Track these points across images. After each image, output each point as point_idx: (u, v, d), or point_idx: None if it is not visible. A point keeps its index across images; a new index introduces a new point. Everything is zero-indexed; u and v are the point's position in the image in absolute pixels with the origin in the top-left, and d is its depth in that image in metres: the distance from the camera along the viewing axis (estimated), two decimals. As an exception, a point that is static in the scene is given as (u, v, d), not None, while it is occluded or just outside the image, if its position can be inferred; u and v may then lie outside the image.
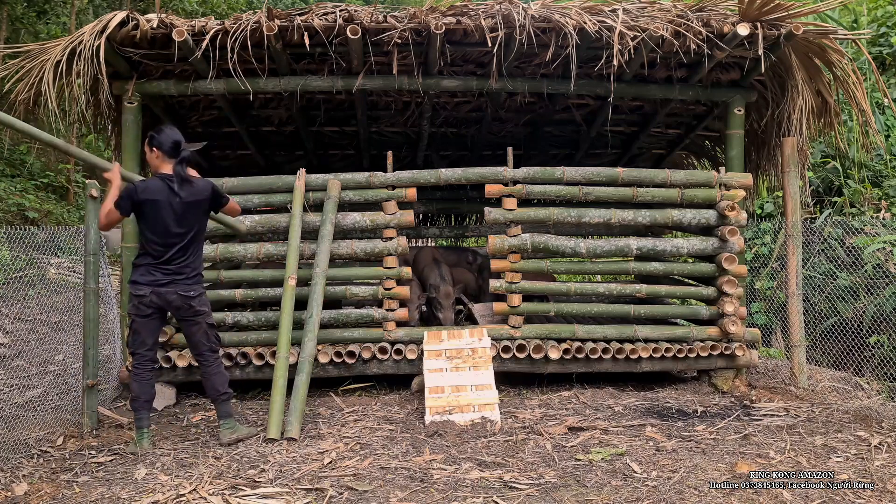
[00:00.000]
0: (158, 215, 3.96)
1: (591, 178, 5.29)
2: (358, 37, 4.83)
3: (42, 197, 11.53)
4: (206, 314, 4.14)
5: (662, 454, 3.88)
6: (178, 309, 4.04)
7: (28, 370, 5.56)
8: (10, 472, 3.69)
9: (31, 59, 5.08)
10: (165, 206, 3.96)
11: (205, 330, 4.14)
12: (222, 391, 4.17)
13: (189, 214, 4.02)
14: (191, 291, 4.03)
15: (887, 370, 5.26)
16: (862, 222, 6.24)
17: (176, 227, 3.98)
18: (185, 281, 4.02)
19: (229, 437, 4.12)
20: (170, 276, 3.98)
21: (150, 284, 3.96)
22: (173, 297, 3.99)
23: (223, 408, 4.17)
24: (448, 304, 5.69)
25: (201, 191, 4.08)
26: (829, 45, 5.23)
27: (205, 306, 4.13)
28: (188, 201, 4.01)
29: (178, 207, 3.98)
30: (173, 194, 3.98)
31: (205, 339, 4.15)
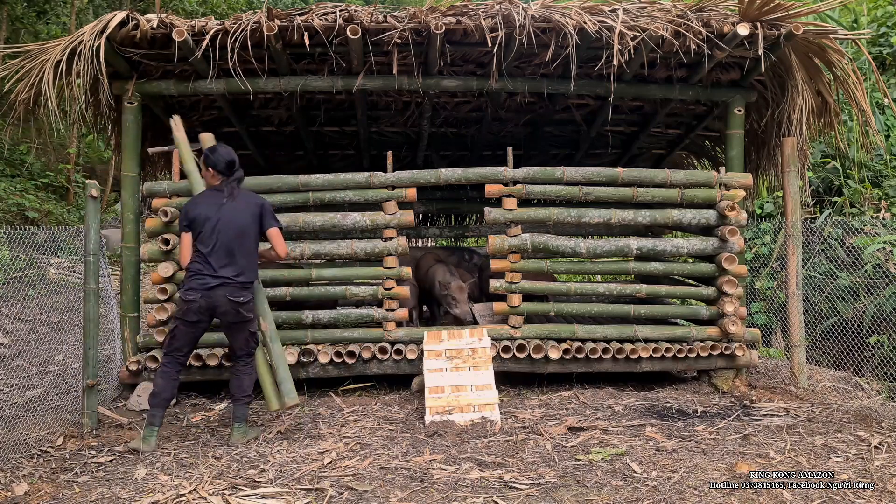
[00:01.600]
0: (207, 226, 4.10)
1: (591, 178, 5.29)
2: (358, 37, 4.83)
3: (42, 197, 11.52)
4: (251, 321, 4.21)
5: (662, 454, 3.88)
6: (225, 314, 4.10)
7: (28, 370, 5.56)
8: (10, 472, 3.68)
9: (31, 59, 5.07)
10: (214, 217, 4.10)
11: (246, 336, 4.22)
12: (247, 392, 4.22)
13: (237, 224, 4.12)
14: (240, 297, 4.09)
15: (887, 370, 5.26)
16: (862, 222, 6.24)
17: (224, 237, 4.09)
18: (235, 286, 4.08)
19: (240, 440, 4.13)
20: (220, 281, 4.06)
21: (200, 289, 4.05)
22: (222, 301, 4.05)
23: (240, 409, 4.20)
24: (463, 297, 5.65)
25: (251, 203, 4.24)
26: (829, 45, 5.23)
27: (251, 313, 4.19)
28: (237, 211, 4.14)
29: (226, 217, 4.11)
30: (222, 206, 4.14)
31: (244, 344, 4.23)
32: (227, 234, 4.09)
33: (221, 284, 4.05)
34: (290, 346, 5.19)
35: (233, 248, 4.09)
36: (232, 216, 4.12)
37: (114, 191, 13.57)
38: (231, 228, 4.10)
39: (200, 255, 4.11)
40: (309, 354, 5.10)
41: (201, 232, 4.11)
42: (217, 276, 4.06)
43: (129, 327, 5.32)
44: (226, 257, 4.08)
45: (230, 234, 4.10)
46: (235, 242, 4.10)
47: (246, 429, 4.21)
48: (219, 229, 4.08)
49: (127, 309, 5.36)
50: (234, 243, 4.10)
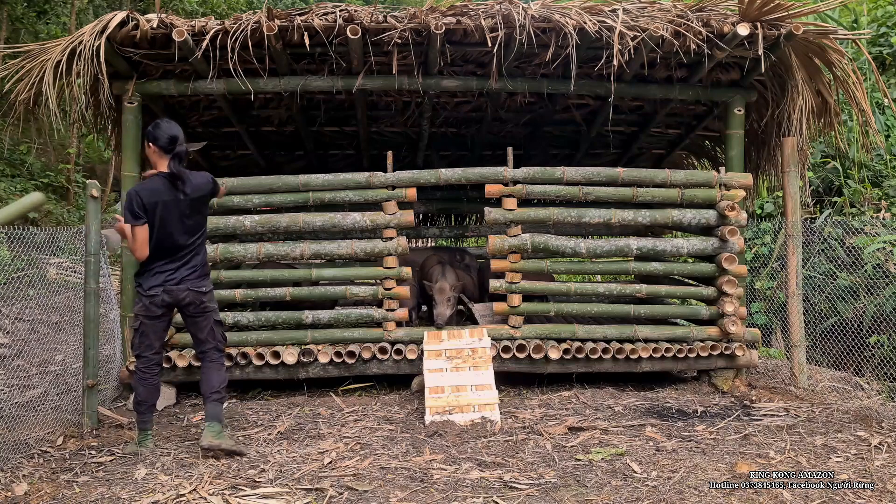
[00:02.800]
0: (166, 216, 3.88)
1: (591, 178, 5.29)
2: (358, 37, 4.83)
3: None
4: (214, 311, 4.11)
5: (662, 454, 3.88)
6: (189, 305, 3.97)
7: (28, 370, 5.55)
8: (10, 472, 3.69)
9: (31, 59, 5.07)
10: (171, 205, 3.89)
11: (212, 326, 4.08)
12: (215, 389, 4.01)
13: (195, 211, 3.98)
14: (202, 287, 3.99)
15: (887, 370, 5.26)
16: (862, 222, 6.24)
17: (184, 226, 3.93)
18: (197, 277, 3.98)
19: (210, 441, 3.85)
20: (181, 274, 3.93)
21: (161, 284, 3.90)
22: (185, 294, 3.93)
23: (213, 408, 3.98)
24: (441, 299, 5.55)
25: (203, 185, 4.03)
26: (829, 45, 5.23)
27: (213, 302, 4.10)
28: (193, 197, 3.95)
29: (184, 206, 3.92)
30: (177, 192, 3.91)
31: (211, 336, 4.09)
32: (186, 225, 3.93)
33: (183, 279, 3.91)
34: (290, 345, 5.19)
35: (192, 239, 3.96)
36: (189, 206, 3.93)
37: (114, 191, 13.57)
38: (190, 219, 3.94)
39: (161, 247, 3.91)
40: (309, 354, 5.10)
41: (158, 222, 3.88)
42: (178, 269, 3.92)
43: (129, 327, 5.31)
44: (187, 249, 3.94)
45: (190, 225, 3.94)
46: (195, 233, 3.98)
47: (219, 430, 3.92)
48: (176, 221, 3.89)
49: (127, 309, 5.35)
50: (193, 233, 3.96)
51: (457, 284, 5.81)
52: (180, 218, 3.92)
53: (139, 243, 3.86)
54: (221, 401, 4.07)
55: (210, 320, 4.08)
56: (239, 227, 5.27)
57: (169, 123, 4.00)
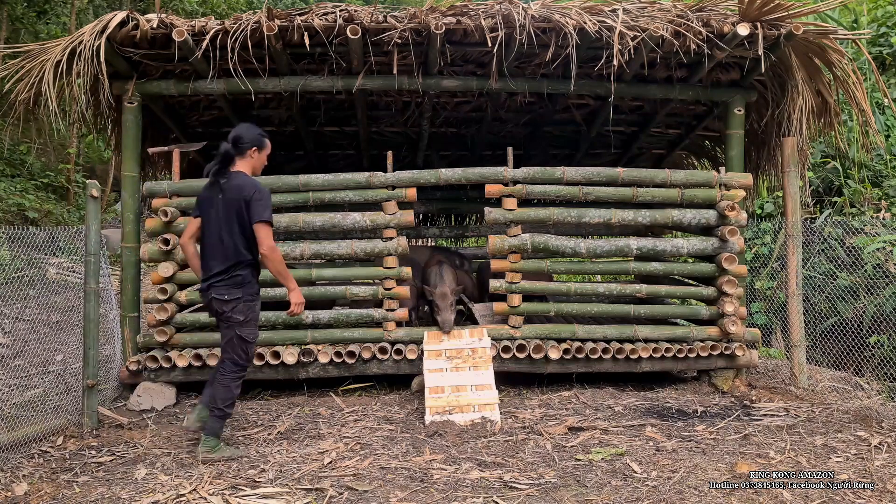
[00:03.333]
0: (206, 213, 3.89)
1: (591, 178, 5.29)
2: (358, 37, 4.83)
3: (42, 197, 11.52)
4: (237, 324, 3.81)
5: (662, 454, 3.88)
6: (215, 312, 3.88)
7: (28, 370, 5.56)
8: (10, 472, 3.69)
9: (31, 59, 5.07)
10: (212, 203, 3.86)
11: (232, 338, 3.85)
12: (217, 406, 3.85)
13: (228, 213, 3.80)
14: (224, 295, 3.79)
15: (887, 370, 5.26)
16: (862, 222, 6.24)
17: (216, 226, 3.82)
18: (221, 284, 3.81)
19: (205, 455, 3.81)
20: (210, 279, 3.83)
21: (199, 287, 3.94)
22: (210, 300, 3.86)
23: (211, 423, 3.87)
24: (445, 304, 5.54)
25: (239, 190, 3.79)
26: (829, 45, 5.23)
27: (239, 314, 3.81)
28: (227, 199, 3.81)
29: (220, 205, 3.82)
30: (216, 190, 3.85)
31: (230, 347, 3.86)
32: (218, 226, 3.81)
33: (210, 286, 3.82)
34: (290, 345, 5.19)
35: (223, 242, 3.81)
36: (224, 207, 3.80)
37: (114, 191, 13.57)
38: (223, 220, 3.80)
39: (202, 244, 3.90)
40: (309, 354, 5.10)
41: (202, 219, 3.91)
42: (208, 273, 3.84)
43: (129, 327, 5.32)
44: (217, 252, 3.82)
45: (222, 227, 3.80)
46: (226, 235, 3.80)
47: (215, 444, 3.84)
48: (212, 220, 3.83)
49: (127, 309, 5.36)
50: (224, 236, 3.80)
51: (456, 288, 5.81)
52: (216, 219, 3.84)
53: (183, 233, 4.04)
54: (222, 417, 3.90)
55: (231, 331, 3.84)
56: (239, 227, 5.26)
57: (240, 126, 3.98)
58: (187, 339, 5.20)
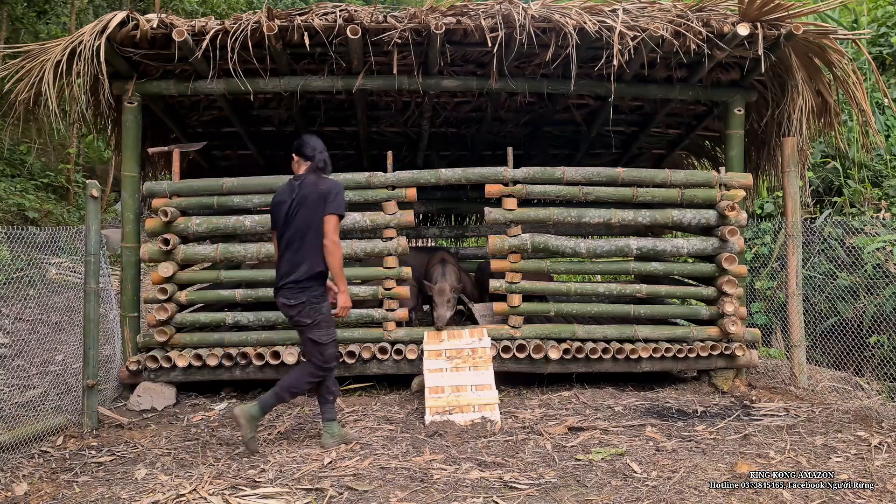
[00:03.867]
0: (278, 217, 3.93)
1: (591, 178, 5.29)
2: (358, 37, 4.83)
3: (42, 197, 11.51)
4: (307, 327, 3.85)
5: (662, 454, 3.88)
6: (288, 316, 3.93)
7: (28, 370, 5.56)
8: (10, 472, 3.69)
9: (31, 59, 5.08)
10: (285, 206, 3.91)
11: (306, 342, 3.93)
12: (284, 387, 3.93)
13: (300, 214, 3.83)
14: (291, 300, 3.82)
15: (887, 370, 5.26)
16: (862, 222, 6.24)
17: (287, 229, 3.86)
18: (289, 287, 3.84)
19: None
20: (280, 282, 3.88)
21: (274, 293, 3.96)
22: (280, 304, 3.90)
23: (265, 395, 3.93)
24: (441, 301, 5.55)
25: (316, 188, 3.85)
26: (829, 45, 5.23)
27: (307, 318, 3.83)
28: (299, 199, 3.85)
29: (291, 207, 3.87)
30: (292, 193, 3.91)
31: (307, 351, 3.96)
32: (289, 228, 3.85)
33: (281, 288, 3.88)
34: (290, 345, 5.19)
35: (292, 244, 3.84)
36: (296, 209, 3.85)
37: (114, 191, 13.56)
38: (292, 222, 3.84)
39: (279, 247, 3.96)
40: (309, 354, 5.10)
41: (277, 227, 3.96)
42: (279, 277, 3.90)
43: (129, 327, 5.32)
44: (286, 255, 3.87)
45: (291, 229, 3.84)
46: (294, 237, 3.83)
47: (257, 412, 3.93)
48: (283, 222, 3.88)
49: (127, 309, 5.36)
50: (293, 238, 3.83)
51: (457, 286, 5.81)
52: (287, 220, 3.89)
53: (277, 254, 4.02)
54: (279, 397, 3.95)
55: (304, 336, 3.90)
56: (239, 227, 5.27)
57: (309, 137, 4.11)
58: (187, 339, 5.21)
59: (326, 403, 4.08)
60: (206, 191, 5.28)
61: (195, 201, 5.28)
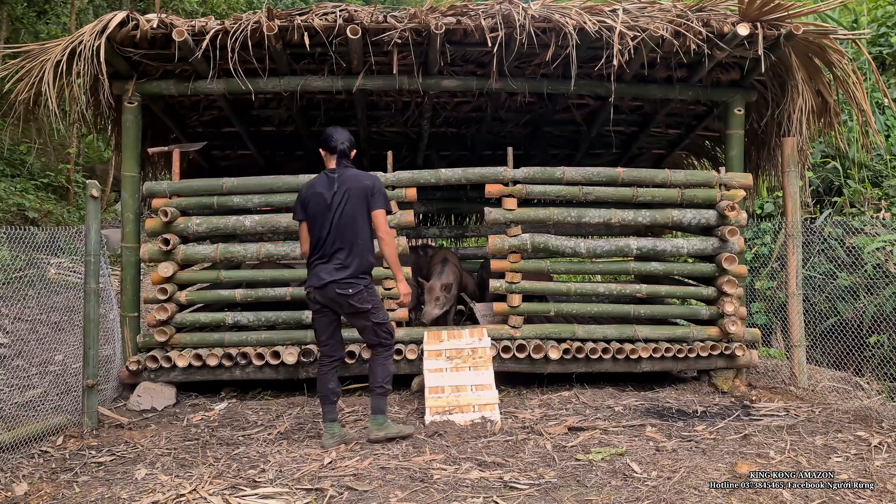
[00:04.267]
0: (317, 209, 3.98)
1: (591, 178, 5.29)
2: (358, 37, 4.83)
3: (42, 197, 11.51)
4: (368, 311, 3.99)
5: (662, 454, 3.88)
6: (341, 306, 3.98)
7: (28, 370, 5.56)
8: (10, 472, 3.69)
9: (31, 59, 5.07)
10: (323, 199, 3.97)
11: (371, 327, 4.04)
12: (378, 383, 4.07)
13: (345, 206, 3.94)
14: (348, 289, 3.92)
15: (887, 370, 5.26)
16: (862, 222, 6.24)
17: (331, 220, 3.94)
18: (343, 277, 3.92)
19: (376, 434, 4.06)
20: (329, 275, 3.92)
21: (312, 285, 3.99)
22: (333, 295, 3.94)
23: (376, 402, 4.10)
24: (430, 298, 5.58)
25: (358, 182, 3.98)
26: (829, 45, 5.23)
27: (366, 303, 3.97)
28: (344, 188, 3.95)
29: (335, 199, 3.95)
30: (331, 186, 3.98)
31: (372, 335, 4.07)
32: (333, 220, 3.93)
33: (331, 281, 3.91)
34: (290, 345, 5.19)
35: (340, 235, 3.93)
36: (340, 201, 3.95)
37: (114, 191, 13.56)
38: (337, 214, 3.93)
39: (314, 243, 4.01)
40: (309, 354, 5.10)
41: (311, 216, 4.01)
42: (326, 269, 3.93)
43: (129, 327, 5.32)
44: (334, 246, 3.94)
45: (337, 220, 3.93)
46: (343, 228, 3.93)
47: (383, 421, 4.08)
48: (325, 214, 3.95)
49: (127, 309, 5.36)
50: (341, 229, 3.93)
51: (449, 283, 5.81)
52: (328, 212, 3.95)
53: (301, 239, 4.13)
54: (385, 394, 4.10)
55: (367, 320, 4.01)
56: (239, 227, 5.27)
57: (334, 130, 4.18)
58: (187, 339, 5.20)
59: (329, 404, 4.11)
60: (206, 191, 5.28)
61: (195, 201, 5.28)
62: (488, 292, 6.36)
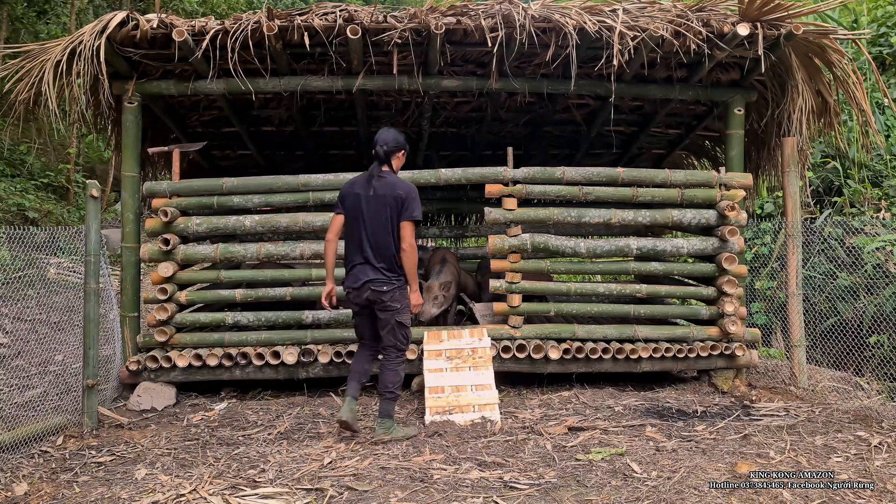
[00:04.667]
0: (354, 210, 4.09)
1: (591, 178, 5.29)
2: (358, 37, 4.83)
3: (42, 197, 11.52)
4: (395, 311, 4.10)
5: (662, 454, 3.88)
6: (374, 303, 4.09)
7: (28, 370, 5.56)
8: (10, 472, 3.69)
9: (31, 59, 5.08)
10: (359, 200, 4.09)
11: (393, 326, 4.12)
12: (388, 389, 4.14)
13: (379, 209, 4.04)
14: (383, 287, 4.04)
15: (887, 370, 5.26)
16: (862, 222, 6.24)
17: (365, 223, 4.05)
18: (378, 277, 4.04)
19: (382, 437, 4.09)
20: (366, 275, 4.04)
21: (350, 286, 4.11)
22: (368, 293, 4.05)
23: (384, 405, 4.17)
24: (428, 297, 5.62)
25: (393, 189, 4.07)
26: (829, 45, 5.23)
27: (396, 303, 4.08)
28: (378, 195, 4.06)
29: (370, 201, 4.06)
30: (368, 189, 4.08)
31: (391, 335, 4.14)
32: (368, 220, 4.04)
33: (367, 280, 4.04)
34: (290, 345, 5.19)
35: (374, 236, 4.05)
36: (374, 203, 4.05)
37: (114, 191, 13.57)
38: (371, 215, 4.04)
39: (349, 241, 4.14)
40: (309, 354, 5.10)
41: (348, 214, 4.12)
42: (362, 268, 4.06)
43: (129, 327, 5.32)
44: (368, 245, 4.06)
45: (371, 221, 4.04)
46: (376, 229, 4.04)
47: (390, 425, 4.13)
48: (361, 214, 4.06)
49: (127, 309, 5.36)
50: (374, 230, 4.04)
51: (447, 282, 5.82)
52: (364, 212, 4.05)
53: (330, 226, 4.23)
54: (393, 399, 4.18)
55: (391, 318, 4.11)
56: (239, 227, 5.27)
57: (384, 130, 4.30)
58: (187, 339, 5.20)
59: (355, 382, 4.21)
60: (206, 191, 5.28)
61: (195, 201, 5.28)
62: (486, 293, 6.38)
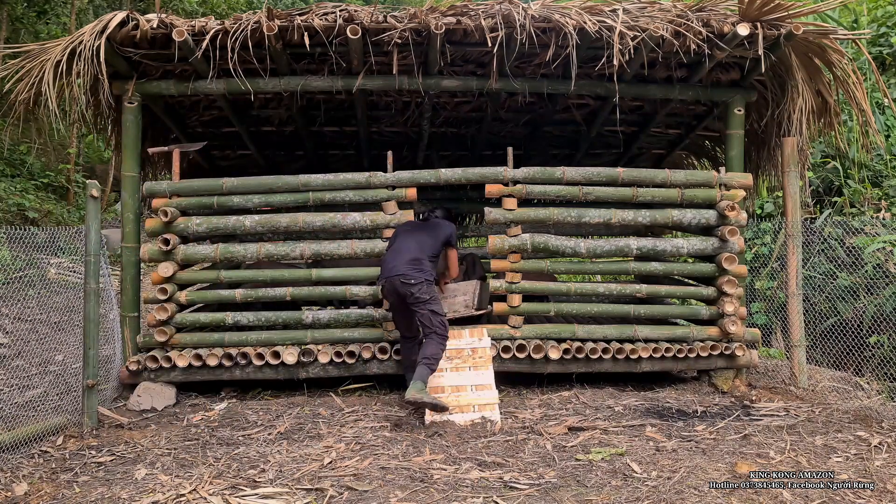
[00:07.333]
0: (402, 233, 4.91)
1: (591, 178, 5.29)
2: (358, 37, 4.83)
3: (42, 197, 11.51)
4: (425, 301, 4.57)
5: (662, 454, 3.88)
6: (405, 296, 4.57)
7: (28, 370, 5.56)
8: (10, 472, 3.69)
9: (31, 59, 5.07)
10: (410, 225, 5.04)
11: (428, 314, 4.57)
12: (426, 356, 4.46)
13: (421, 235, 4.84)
14: (411, 279, 4.55)
15: (887, 370, 5.26)
16: (862, 222, 6.24)
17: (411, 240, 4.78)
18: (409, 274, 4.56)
19: (413, 395, 4.27)
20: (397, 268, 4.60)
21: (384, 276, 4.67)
22: (398, 284, 4.56)
23: (420, 370, 4.41)
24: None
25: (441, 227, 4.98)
26: (829, 45, 5.23)
27: (425, 294, 4.56)
28: (425, 228, 4.95)
29: (414, 229, 4.93)
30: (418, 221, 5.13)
31: (428, 322, 4.57)
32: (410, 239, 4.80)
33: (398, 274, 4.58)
34: (290, 345, 5.19)
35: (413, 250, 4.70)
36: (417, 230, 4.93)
37: (114, 191, 13.56)
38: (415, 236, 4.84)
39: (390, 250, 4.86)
40: (309, 354, 5.10)
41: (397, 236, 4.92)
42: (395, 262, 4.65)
43: (129, 327, 5.32)
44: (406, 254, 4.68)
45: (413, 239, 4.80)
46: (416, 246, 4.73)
47: (422, 387, 4.33)
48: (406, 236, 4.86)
49: (127, 309, 5.36)
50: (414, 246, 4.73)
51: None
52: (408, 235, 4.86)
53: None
54: (429, 366, 4.45)
55: (424, 309, 4.57)
56: (239, 227, 5.27)
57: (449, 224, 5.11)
58: (187, 339, 5.21)
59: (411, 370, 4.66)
60: (206, 191, 5.28)
61: (195, 201, 5.28)
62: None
